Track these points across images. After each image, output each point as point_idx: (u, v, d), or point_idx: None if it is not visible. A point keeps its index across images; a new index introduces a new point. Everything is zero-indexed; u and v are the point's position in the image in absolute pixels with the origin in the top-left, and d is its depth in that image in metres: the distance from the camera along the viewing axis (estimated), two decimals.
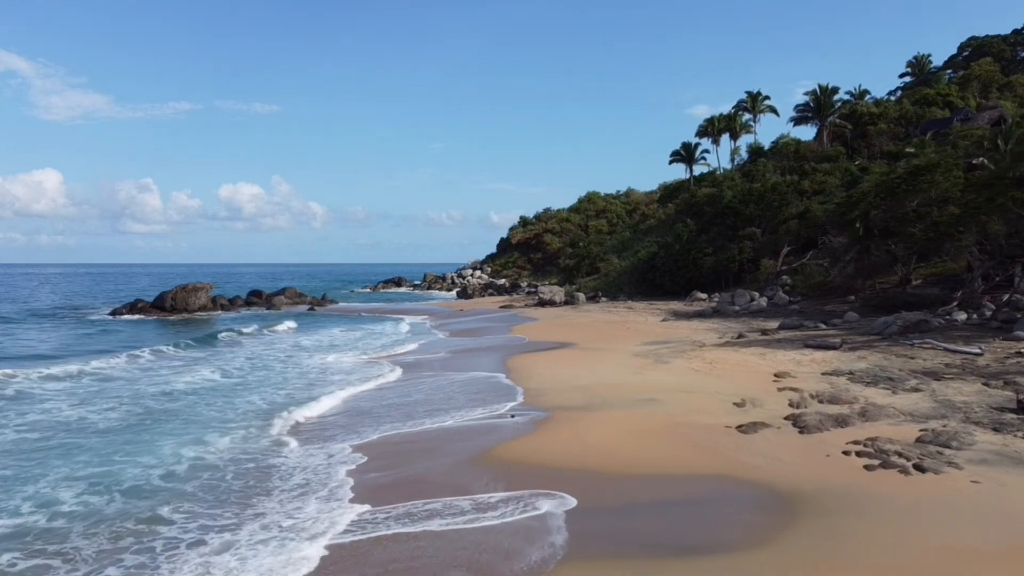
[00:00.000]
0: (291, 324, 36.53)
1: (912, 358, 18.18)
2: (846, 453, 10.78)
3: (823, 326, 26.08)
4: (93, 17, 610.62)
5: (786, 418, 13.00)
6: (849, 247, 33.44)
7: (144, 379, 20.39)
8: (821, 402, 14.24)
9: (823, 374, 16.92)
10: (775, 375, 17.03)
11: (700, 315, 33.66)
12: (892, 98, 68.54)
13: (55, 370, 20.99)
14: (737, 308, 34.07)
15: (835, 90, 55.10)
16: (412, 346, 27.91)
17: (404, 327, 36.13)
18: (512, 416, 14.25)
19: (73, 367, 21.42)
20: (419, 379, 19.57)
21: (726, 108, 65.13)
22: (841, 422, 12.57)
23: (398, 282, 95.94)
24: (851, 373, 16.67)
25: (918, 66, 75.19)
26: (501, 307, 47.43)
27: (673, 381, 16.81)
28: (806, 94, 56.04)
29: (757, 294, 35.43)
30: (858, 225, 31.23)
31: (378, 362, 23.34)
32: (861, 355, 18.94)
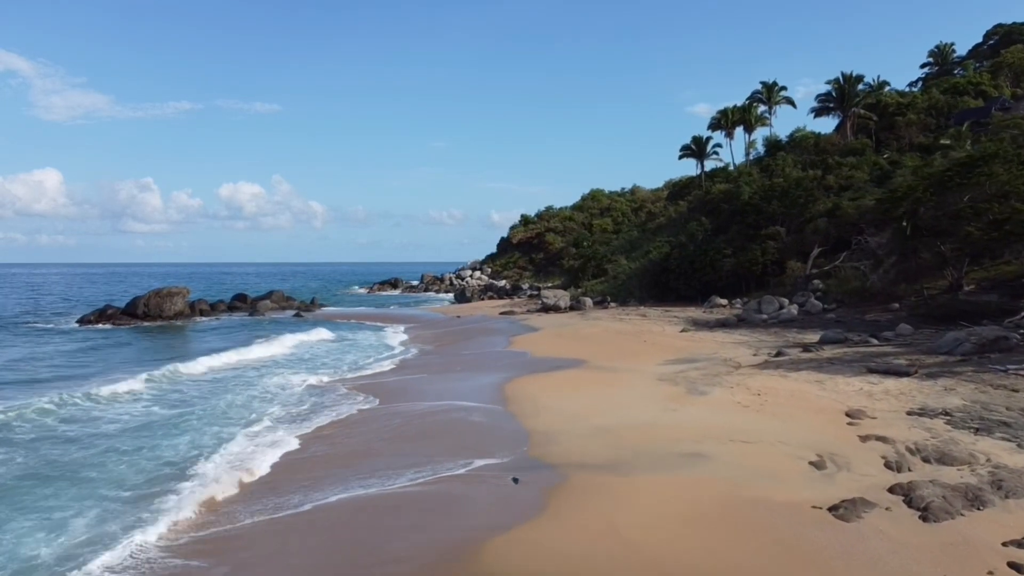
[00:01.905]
0: (266, 336, 32.99)
1: (1015, 391, 14.51)
2: (1016, 567, 7.18)
3: (874, 340, 22.43)
4: (93, 17, 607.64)
5: (891, 490, 9.40)
6: (892, 248, 29.78)
7: (66, 411, 16.74)
8: (927, 461, 10.63)
9: (909, 414, 13.27)
10: (847, 415, 13.39)
11: (724, 325, 30.01)
12: (913, 89, 64.80)
13: None
14: (765, 317, 30.43)
15: (859, 79, 51.34)
16: (393, 363, 24.40)
17: (388, 338, 32.60)
18: (514, 480, 10.64)
19: None
20: (388, 413, 15.94)
21: (725, 106, 61.08)
22: (974, 500, 8.97)
23: (394, 283, 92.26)
24: (947, 414, 13.03)
25: (941, 55, 71.34)
26: (501, 313, 43.78)
27: (718, 422, 13.18)
28: (828, 83, 52.40)
29: (786, 301, 31.76)
30: (905, 223, 27.55)
31: (346, 387, 19.72)
32: (946, 385, 15.29)
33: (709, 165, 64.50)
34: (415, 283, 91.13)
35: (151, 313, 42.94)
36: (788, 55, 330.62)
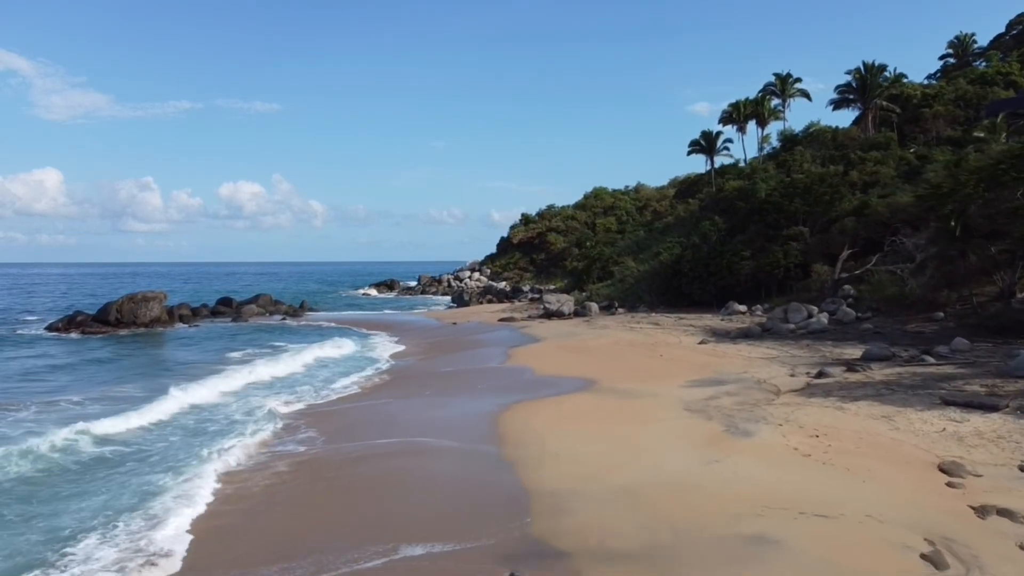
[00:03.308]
0: (240, 349, 30.17)
1: None
2: None
3: (929, 359, 19.42)
4: (93, 17, 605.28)
5: None
6: (937, 251, 26.78)
7: None
8: None
9: (1023, 469, 10.30)
10: (942, 470, 10.41)
11: (747, 335, 27.03)
12: (934, 82, 61.73)
13: None
14: (792, 327, 27.45)
15: (882, 68, 48.29)
16: (369, 381, 21.72)
17: (373, 349, 29.88)
18: None
19: None
20: (317, 460, 12.85)
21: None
22: None
23: (391, 285, 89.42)
24: None
25: (961, 46, 68.23)
26: (500, 319, 40.78)
27: (778, 482, 10.18)
28: (848, 72, 49.33)
29: (815, 309, 28.78)
30: (954, 223, 24.57)
31: (293, 418, 16.70)
32: None
33: (719, 161, 61.60)
34: (412, 284, 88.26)
35: (124, 320, 39.99)
36: (789, 53, 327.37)
